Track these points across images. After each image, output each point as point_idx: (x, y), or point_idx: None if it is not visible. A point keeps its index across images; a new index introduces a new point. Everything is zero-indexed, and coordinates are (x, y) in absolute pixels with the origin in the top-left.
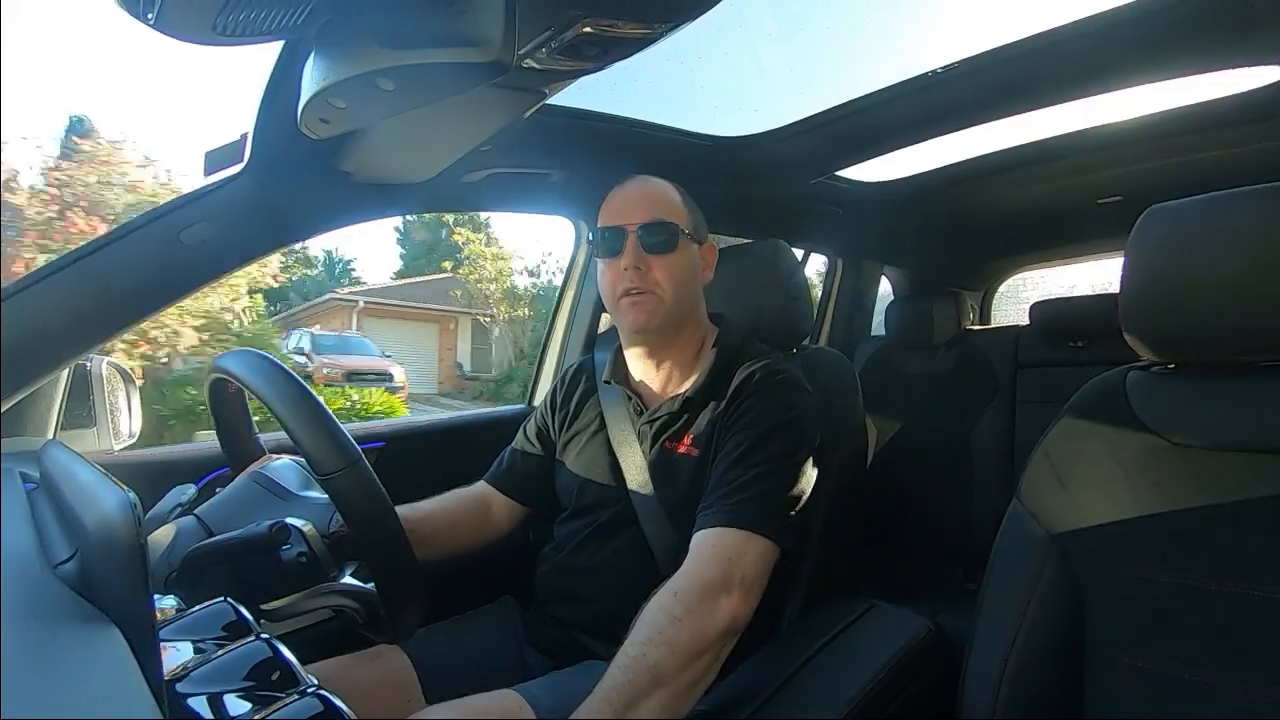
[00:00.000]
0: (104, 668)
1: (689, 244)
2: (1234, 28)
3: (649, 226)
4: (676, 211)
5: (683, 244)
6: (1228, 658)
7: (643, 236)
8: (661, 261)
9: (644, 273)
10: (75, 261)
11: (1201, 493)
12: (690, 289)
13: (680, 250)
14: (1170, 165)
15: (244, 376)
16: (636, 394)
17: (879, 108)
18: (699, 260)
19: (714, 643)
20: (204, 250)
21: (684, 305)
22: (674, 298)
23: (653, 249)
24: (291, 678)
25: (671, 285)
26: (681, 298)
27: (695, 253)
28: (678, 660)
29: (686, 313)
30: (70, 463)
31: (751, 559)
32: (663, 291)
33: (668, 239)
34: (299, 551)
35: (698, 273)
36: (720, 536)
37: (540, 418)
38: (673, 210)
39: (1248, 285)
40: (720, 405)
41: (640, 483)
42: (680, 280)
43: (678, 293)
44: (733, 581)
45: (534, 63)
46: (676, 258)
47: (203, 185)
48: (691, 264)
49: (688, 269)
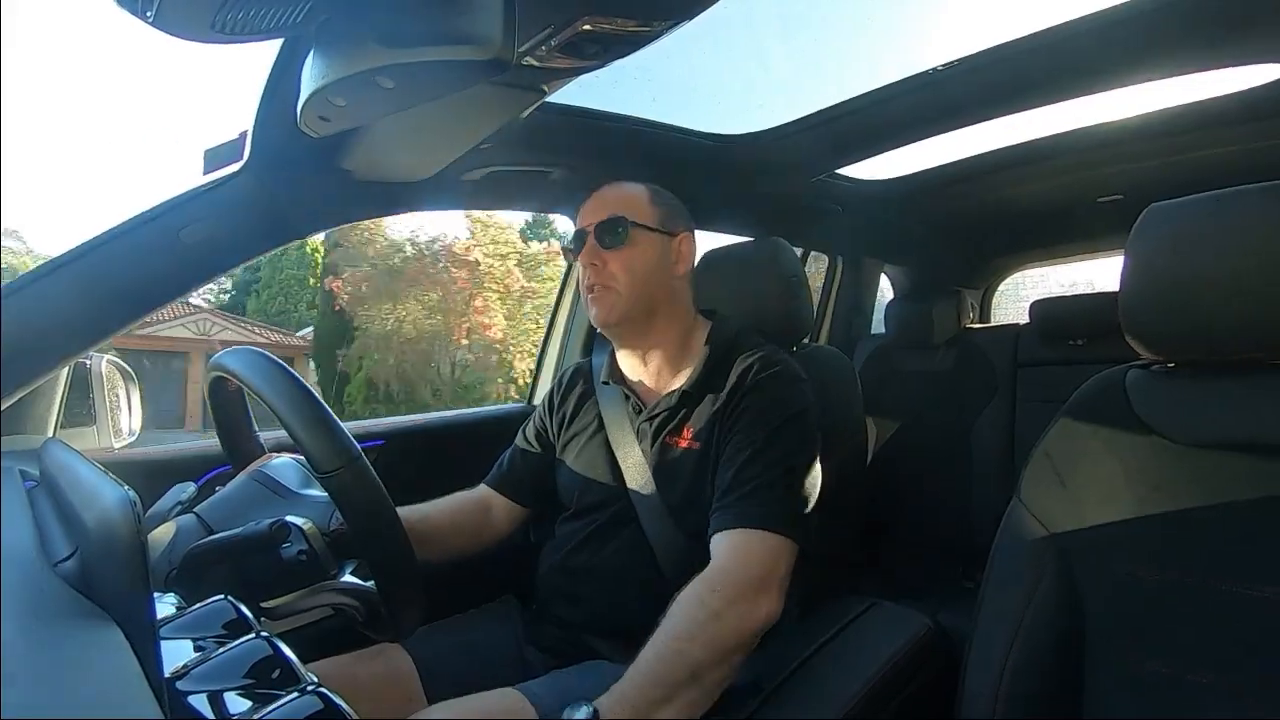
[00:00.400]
0: (104, 665)
1: (649, 236)
2: (1235, 26)
3: (603, 224)
4: (634, 207)
5: (638, 236)
6: (1227, 657)
7: (597, 234)
8: (615, 255)
9: (600, 268)
10: (75, 260)
11: (1201, 492)
12: (653, 279)
13: (635, 243)
14: (1171, 163)
15: (243, 374)
16: (633, 392)
17: (879, 106)
18: (668, 251)
19: (749, 642)
20: (204, 248)
21: (645, 296)
22: (630, 289)
23: (607, 245)
24: (292, 676)
25: (627, 277)
26: (641, 289)
27: (660, 244)
28: (715, 657)
29: (651, 303)
30: (70, 461)
31: (784, 560)
32: (618, 284)
33: (621, 233)
34: (299, 549)
35: (665, 264)
36: (756, 538)
37: (539, 419)
38: (629, 206)
39: (1248, 284)
40: (720, 397)
41: (640, 481)
42: (638, 272)
43: (635, 284)
44: (770, 582)
45: (534, 60)
46: (631, 251)
47: (202, 183)
48: (653, 255)
49: (647, 260)
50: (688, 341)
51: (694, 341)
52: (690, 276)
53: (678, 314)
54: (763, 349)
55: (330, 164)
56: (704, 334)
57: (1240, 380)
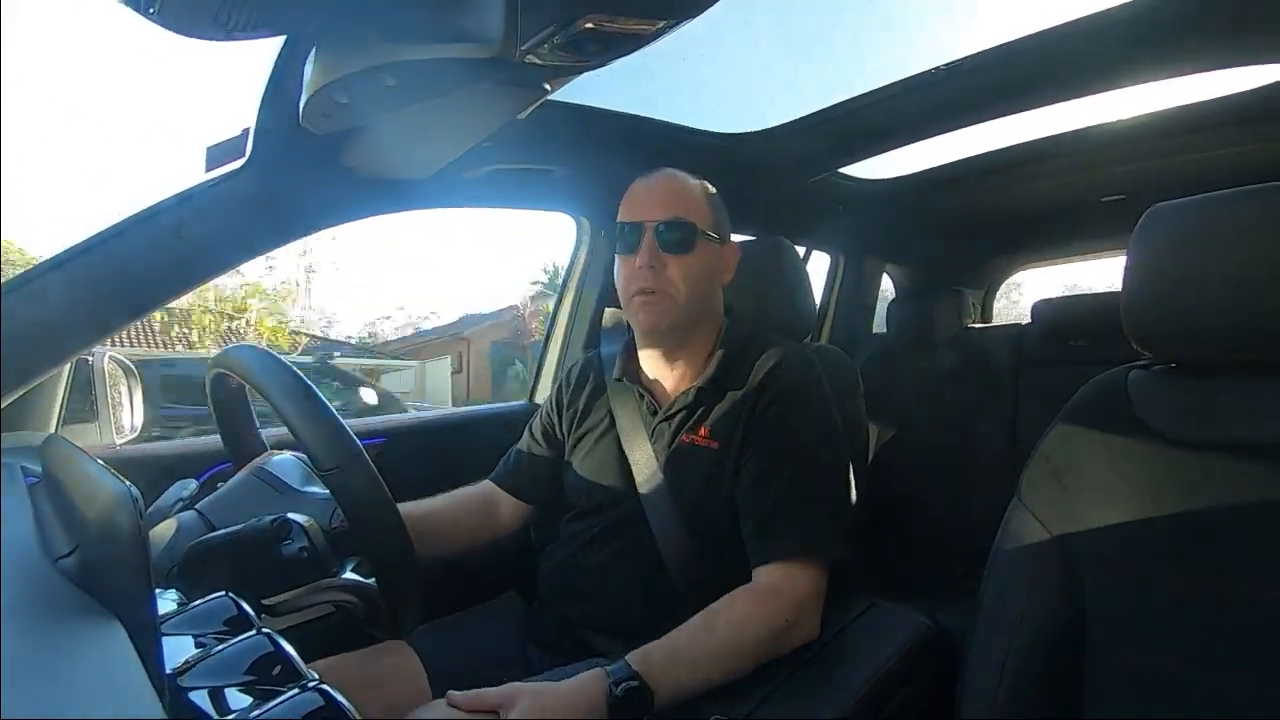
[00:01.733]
0: (106, 662)
1: (709, 244)
2: (1235, 27)
3: (668, 224)
4: (698, 210)
5: (701, 244)
6: (1228, 657)
7: (661, 234)
8: (678, 261)
9: (658, 272)
10: (76, 257)
11: (1202, 492)
12: (706, 290)
13: (699, 251)
14: (1173, 164)
15: (246, 372)
16: (649, 392)
17: (881, 105)
18: (719, 261)
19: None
20: (204, 245)
21: (698, 307)
22: (688, 299)
23: (670, 248)
24: (293, 672)
25: (686, 286)
26: (696, 299)
27: (715, 253)
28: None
29: (700, 314)
30: (72, 457)
31: (826, 577)
32: (676, 292)
33: (686, 238)
34: (300, 546)
35: (717, 274)
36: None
37: (546, 417)
38: (694, 208)
39: (1250, 284)
40: (741, 396)
41: (651, 482)
42: (696, 281)
43: (692, 294)
44: (817, 604)
45: (536, 59)
46: (694, 258)
47: (203, 180)
48: (710, 265)
49: (705, 270)
50: (713, 346)
51: (713, 339)
52: None
53: (714, 321)
54: (782, 345)
55: (332, 162)
56: (720, 330)
57: (1242, 381)
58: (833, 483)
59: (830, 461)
